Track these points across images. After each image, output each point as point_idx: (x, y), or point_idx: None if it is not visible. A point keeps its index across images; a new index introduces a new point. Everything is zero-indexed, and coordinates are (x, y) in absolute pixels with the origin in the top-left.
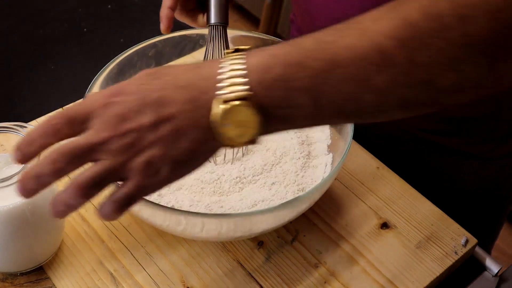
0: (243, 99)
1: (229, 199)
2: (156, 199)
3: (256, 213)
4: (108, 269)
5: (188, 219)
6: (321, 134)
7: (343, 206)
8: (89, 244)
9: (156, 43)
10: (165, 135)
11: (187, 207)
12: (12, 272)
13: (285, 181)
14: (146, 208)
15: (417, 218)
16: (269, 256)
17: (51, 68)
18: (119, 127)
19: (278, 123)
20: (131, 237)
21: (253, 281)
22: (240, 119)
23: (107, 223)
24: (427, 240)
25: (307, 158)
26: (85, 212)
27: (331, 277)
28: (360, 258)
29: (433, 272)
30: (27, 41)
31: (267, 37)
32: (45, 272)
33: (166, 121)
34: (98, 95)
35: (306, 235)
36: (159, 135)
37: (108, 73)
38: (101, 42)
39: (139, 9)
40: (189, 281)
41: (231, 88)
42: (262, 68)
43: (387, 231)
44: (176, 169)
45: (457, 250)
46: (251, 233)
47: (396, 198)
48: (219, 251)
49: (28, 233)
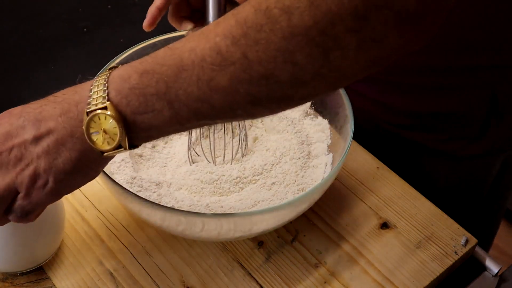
0: (103, 108)
1: (229, 199)
2: (156, 199)
3: (256, 213)
4: (108, 269)
5: (188, 219)
6: (321, 134)
7: (343, 206)
8: (89, 244)
9: (156, 43)
10: (47, 148)
11: (187, 207)
12: (11, 272)
13: (285, 181)
14: (146, 208)
15: (417, 218)
16: (269, 256)
17: (51, 68)
18: (6, 144)
19: (144, 130)
20: (131, 237)
21: (253, 281)
22: (104, 127)
23: (107, 223)
24: (427, 240)
25: (307, 158)
26: (85, 212)
27: (331, 277)
28: (360, 258)
29: (433, 272)
30: (27, 41)
31: None
32: (45, 272)
33: (46, 134)
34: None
35: (306, 235)
36: (42, 148)
37: None
38: (101, 42)
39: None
40: (189, 281)
41: (94, 101)
42: (121, 79)
43: (387, 231)
44: (62, 180)
45: (457, 250)
46: (251, 233)
47: (396, 198)
48: (219, 251)
49: (28, 233)
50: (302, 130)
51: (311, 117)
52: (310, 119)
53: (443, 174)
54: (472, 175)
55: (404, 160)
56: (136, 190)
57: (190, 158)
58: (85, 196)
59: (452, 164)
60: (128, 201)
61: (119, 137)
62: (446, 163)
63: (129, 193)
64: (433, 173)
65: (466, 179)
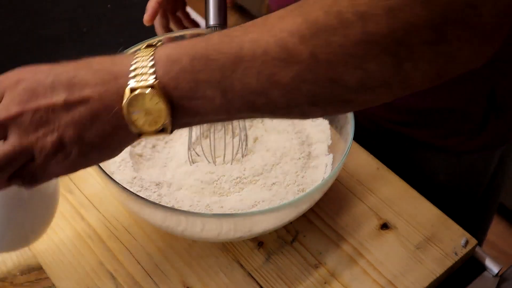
0: (149, 87)
1: (229, 199)
2: (156, 199)
3: (256, 213)
4: (108, 269)
5: (188, 219)
6: (321, 135)
7: (343, 207)
8: (89, 244)
9: None
10: (78, 117)
11: (187, 207)
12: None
13: (285, 181)
14: (146, 208)
15: (417, 219)
16: (269, 256)
17: None
18: (30, 103)
19: (189, 115)
20: (131, 237)
21: (253, 281)
22: (148, 107)
23: (107, 223)
24: (427, 240)
25: (307, 158)
26: (85, 212)
27: (331, 277)
28: (360, 259)
29: (433, 273)
30: (27, 41)
31: None
32: (45, 272)
33: (79, 103)
34: (10, 73)
35: (306, 236)
36: (72, 116)
37: None
38: (101, 42)
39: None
40: (189, 281)
41: (139, 78)
42: (170, 60)
43: (387, 231)
44: (86, 154)
45: (457, 251)
46: (251, 233)
47: (396, 199)
48: (219, 251)
49: (18, 208)
50: (302, 131)
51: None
52: (311, 120)
53: (443, 169)
54: (471, 170)
55: (404, 157)
56: (136, 190)
57: (190, 158)
58: (85, 196)
59: (451, 160)
60: (128, 201)
61: (164, 120)
62: (445, 158)
63: (129, 193)
64: (433, 168)
65: (466, 174)
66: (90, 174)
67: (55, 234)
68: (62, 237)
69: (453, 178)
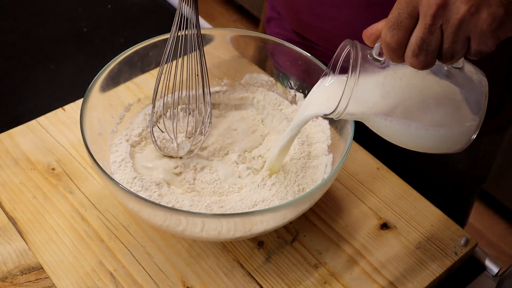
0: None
1: (229, 199)
2: (156, 199)
3: (256, 213)
4: (108, 269)
5: (188, 219)
6: (321, 135)
7: (343, 207)
8: (89, 244)
9: (156, 43)
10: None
11: (187, 207)
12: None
13: (285, 181)
14: (146, 208)
15: (417, 219)
16: (269, 256)
17: (51, 68)
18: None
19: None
20: (131, 237)
21: (253, 281)
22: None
23: (107, 223)
24: (427, 240)
25: (307, 158)
26: (85, 211)
27: (331, 277)
28: (360, 259)
29: (433, 272)
30: (27, 41)
31: (267, 37)
32: (45, 272)
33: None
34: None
35: (306, 236)
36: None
37: (108, 73)
38: (101, 42)
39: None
40: (189, 281)
41: None
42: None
43: (387, 231)
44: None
45: (457, 251)
46: (251, 233)
47: (396, 199)
48: (219, 251)
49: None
50: (302, 131)
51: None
52: (311, 120)
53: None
54: (482, 152)
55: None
56: (136, 190)
57: (154, 139)
58: (85, 196)
59: None
60: (128, 201)
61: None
62: None
63: (130, 193)
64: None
65: (477, 156)
66: (90, 174)
67: (55, 234)
68: (62, 237)
69: (466, 160)
